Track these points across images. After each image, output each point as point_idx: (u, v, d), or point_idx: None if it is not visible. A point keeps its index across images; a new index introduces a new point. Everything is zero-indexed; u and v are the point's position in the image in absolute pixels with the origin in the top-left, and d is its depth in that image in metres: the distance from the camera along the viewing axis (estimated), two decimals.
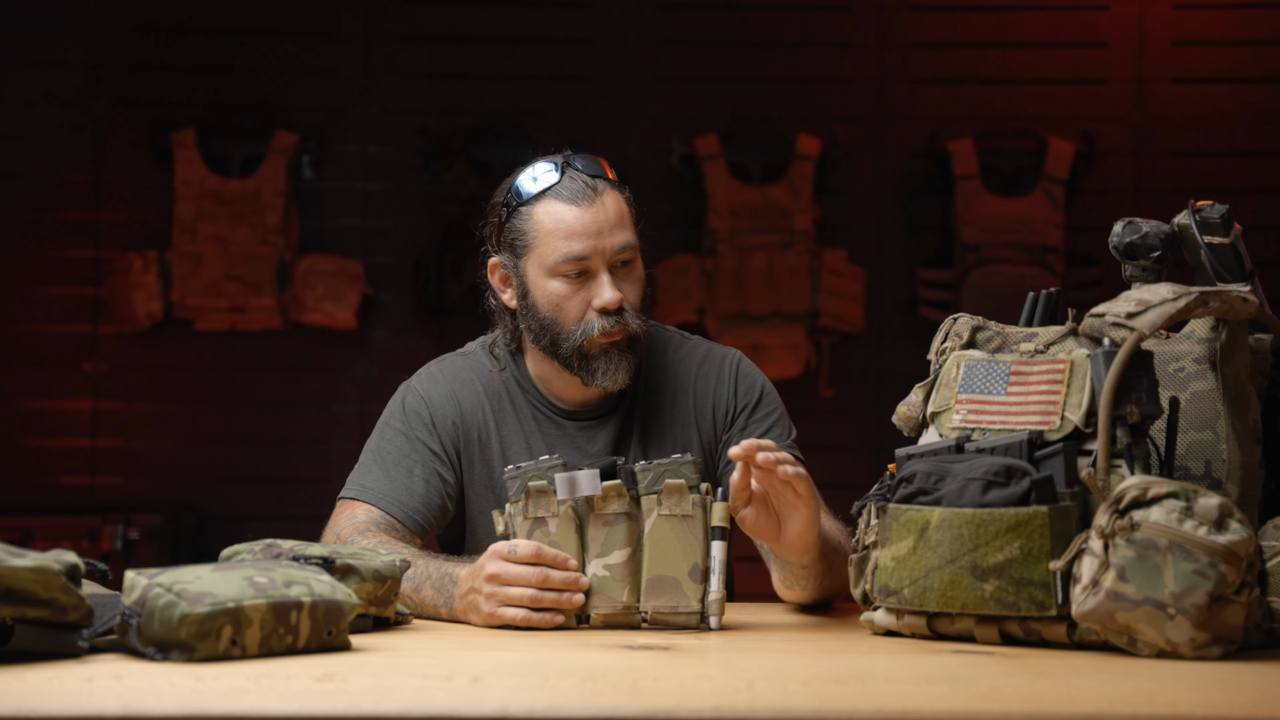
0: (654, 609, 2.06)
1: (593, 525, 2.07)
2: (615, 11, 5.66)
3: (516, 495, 2.09)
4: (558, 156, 2.40)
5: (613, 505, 2.07)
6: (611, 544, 2.06)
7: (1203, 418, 1.96)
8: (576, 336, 2.36)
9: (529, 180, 2.39)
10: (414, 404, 2.49)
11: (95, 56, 5.57)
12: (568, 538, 2.07)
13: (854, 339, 5.57)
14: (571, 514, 2.08)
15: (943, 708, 1.44)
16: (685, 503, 2.06)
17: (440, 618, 2.17)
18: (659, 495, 2.06)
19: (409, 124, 5.58)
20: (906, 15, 5.67)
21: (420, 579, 2.20)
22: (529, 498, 2.08)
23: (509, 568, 2.05)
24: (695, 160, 5.52)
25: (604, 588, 2.06)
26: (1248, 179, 5.58)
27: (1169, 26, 5.62)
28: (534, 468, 2.09)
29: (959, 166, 5.50)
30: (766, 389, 2.53)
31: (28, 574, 1.62)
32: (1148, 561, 1.73)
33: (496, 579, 2.05)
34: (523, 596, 2.05)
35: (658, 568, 2.06)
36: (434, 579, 2.18)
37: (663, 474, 2.06)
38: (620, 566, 2.06)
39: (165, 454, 5.59)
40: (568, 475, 2.06)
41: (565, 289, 2.36)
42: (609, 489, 2.06)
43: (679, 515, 2.06)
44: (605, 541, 2.06)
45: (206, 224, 5.40)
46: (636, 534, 2.07)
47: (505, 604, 2.05)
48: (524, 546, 2.05)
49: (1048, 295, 2.06)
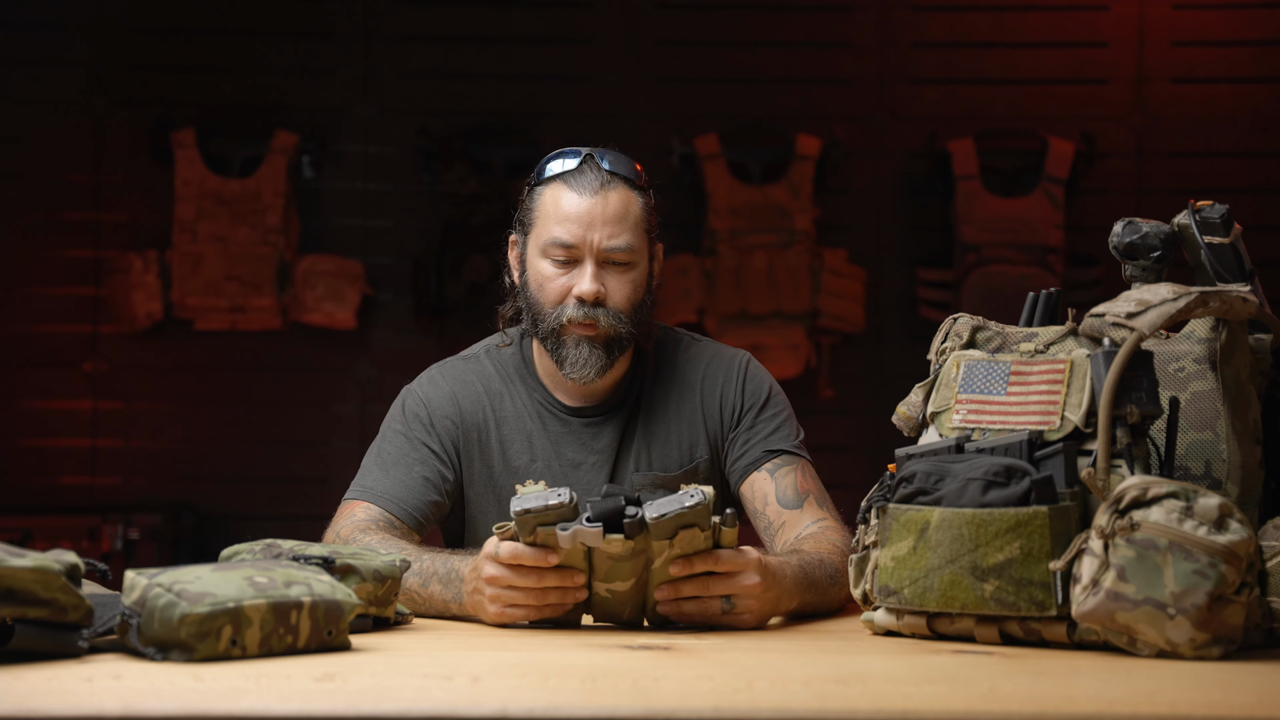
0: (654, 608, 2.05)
1: (597, 554, 2.01)
2: (615, 11, 5.67)
3: (524, 535, 2.01)
4: (592, 149, 2.43)
5: (616, 548, 1.98)
6: (616, 574, 2.01)
7: (1203, 418, 1.96)
8: (551, 320, 2.39)
9: (551, 164, 2.43)
10: (413, 406, 2.51)
11: (95, 56, 5.57)
12: (576, 560, 2.02)
13: (854, 339, 5.57)
14: (579, 545, 2.01)
15: (943, 708, 1.44)
16: (698, 541, 1.99)
17: (450, 613, 2.17)
18: (671, 540, 1.99)
19: (409, 124, 5.58)
20: (906, 15, 5.67)
21: (427, 574, 2.20)
22: (537, 539, 2.00)
23: (506, 573, 2.03)
24: (695, 160, 5.52)
25: (606, 606, 2.05)
26: (1248, 179, 5.58)
27: (1169, 26, 5.63)
28: (543, 511, 1.97)
29: (959, 166, 5.50)
30: (774, 390, 2.54)
31: (28, 574, 1.62)
32: (1148, 561, 1.73)
33: (496, 582, 2.04)
34: (526, 597, 2.03)
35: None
36: (440, 574, 2.18)
37: (677, 527, 1.97)
38: (624, 592, 2.04)
39: (165, 454, 5.59)
40: (571, 531, 1.96)
41: (551, 271, 2.39)
42: (613, 542, 1.97)
43: (690, 553, 2.00)
44: (610, 571, 2.01)
45: (206, 224, 5.41)
46: (643, 564, 2.02)
47: (511, 605, 2.04)
48: (504, 549, 2.01)
49: (1048, 295, 2.06)
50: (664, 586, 2.01)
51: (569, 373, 2.40)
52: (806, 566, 2.18)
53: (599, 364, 2.39)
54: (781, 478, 2.44)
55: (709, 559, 2.00)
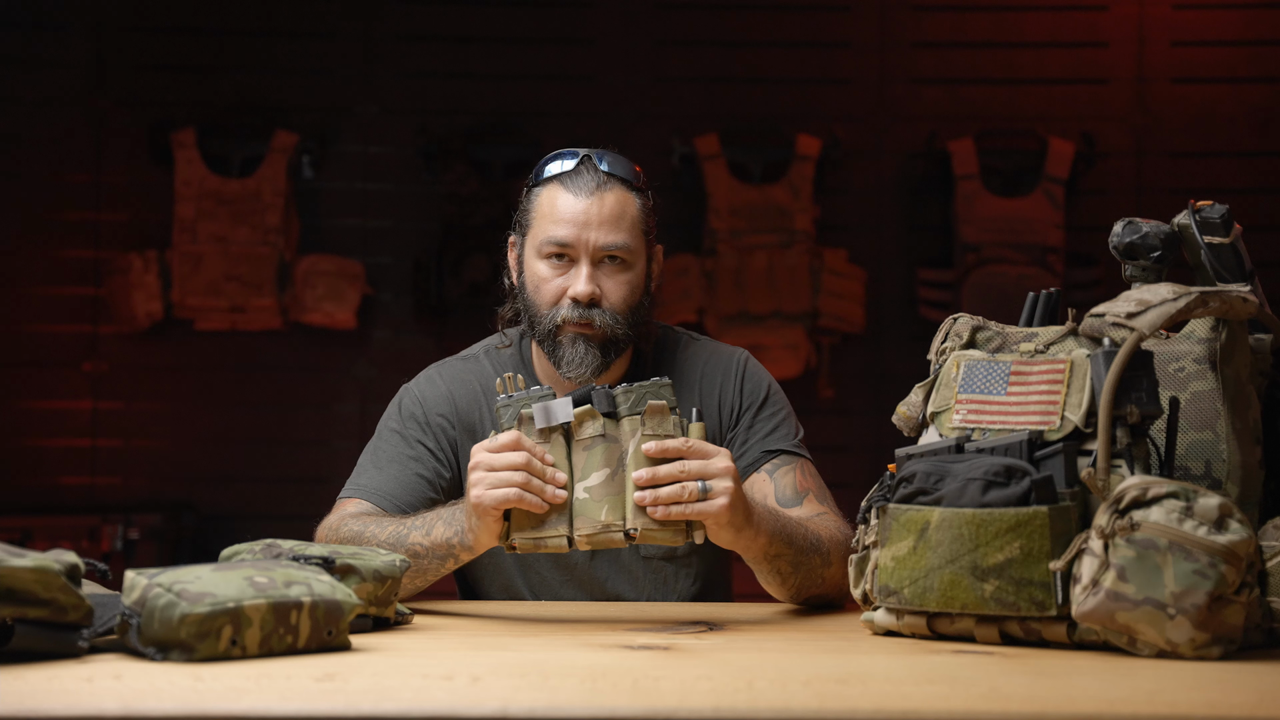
0: (642, 526, 2.08)
1: (574, 451, 2.12)
2: (615, 11, 5.67)
3: (509, 422, 2.13)
4: (590, 150, 2.43)
5: (588, 429, 2.11)
6: (590, 467, 2.10)
7: (1203, 418, 1.96)
8: (547, 320, 2.39)
9: (549, 165, 2.44)
10: (409, 405, 2.52)
11: (95, 56, 5.57)
12: (559, 462, 2.11)
13: (854, 339, 5.57)
14: (561, 440, 2.12)
15: (943, 708, 1.44)
16: (667, 423, 2.10)
17: (453, 556, 2.22)
18: (642, 416, 2.10)
19: (409, 124, 5.58)
20: (906, 15, 5.67)
21: (429, 522, 2.25)
22: (521, 425, 2.12)
23: (493, 456, 2.09)
24: (695, 160, 5.52)
25: (585, 510, 2.10)
26: (1248, 179, 5.58)
27: (1169, 26, 5.63)
28: (525, 396, 2.14)
29: (959, 166, 5.50)
30: (773, 389, 2.54)
31: (28, 574, 1.62)
32: (1148, 561, 1.73)
33: (481, 465, 2.10)
34: (510, 478, 2.08)
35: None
36: (444, 516, 2.24)
37: (644, 395, 2.11)
38: (598, 488, 2.09)
39: (165, 454, 5.59)
40: (544, 405, 2.12)
41: (547, 272, 2.40)
42: (581, 414, 2.11)
43: (661, 435, 2.10)
44: (585, 465, 2.10)
45: (206, 224, 5.41)
46: (615, 455, 2.10)
47: (493, 486, 2.08)
48: (505, 435, 2.10)
49: (1048, 295, 2.06)
50: (640, 479, 2.07)
51: (566, 372, 2.40)
52: (783, 519, 2.24)
53: (595, 363, 2.39)
54: (780, 478, 2.44)
55: (680, 442, 2.09)
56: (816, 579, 2.26)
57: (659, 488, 2.07)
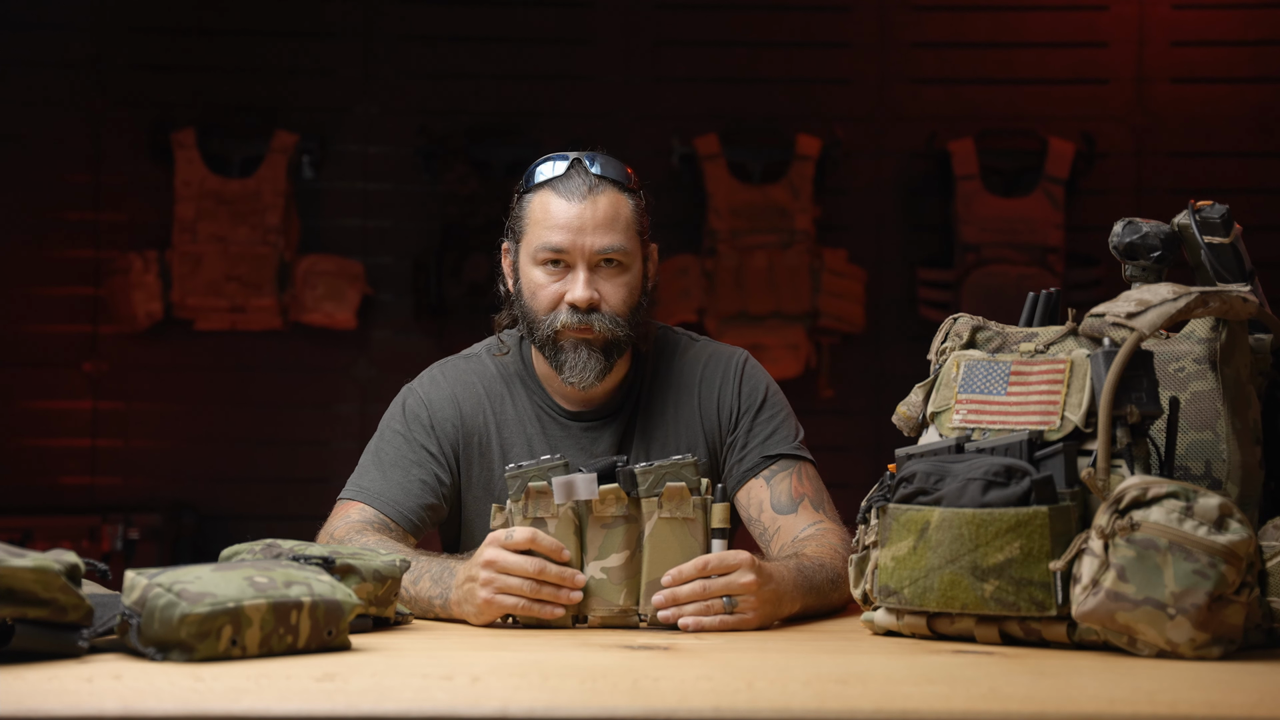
0: (654, 611, 2.06)
1: (591, 527, 2.07)
2: (615, 11, 5.66)
3: (517, 495, 2.09)
4: (580, 153, 2.42)
5: (611, 509, 2.07)
6: (609, 547, 2.06)
7: (1203, 418, 1.96)
8: (545, 327, 2.38)
9: (539, 170, 2.42)
10: (414, 406, 2.50)
11: (95, 57, 5.57)
12: (567, 539, 2.07)
13: (854, 339, 5.57)
14: (571, 515, 2.08)
15: (943, 708, 1.44)
16: (686, 505, 2.07)
17: (433, 613, 2.17)
18: (659, 498, 2.07)
19: (409, 124, 5.58)
20: (906, 15, 5.67)
21: (419, 572, 2.20)
22: (529, 498, 2.08)
23: (506, 556, 2.05)
24: (695, 160, 5.52)
25: (601, 590, 2.06)
26: (1248, 179, 5.58)
27: (1169, 26, 5.62)
28: (535, 467, 2.09)
29: (959, 166, 5.50)
30: (771, 390, 2.53)
31: (28, 574, 1.62)
32: (1148, 561, 1.73)
33: (493, 565, 2.06)
34: (520, 586, 2.04)
35: (658, 570, 2.06)
36: (433, 572, 2.19)
37: (664, 476, 2.07)
38: (618, 570, 2.06)
39: (165, 454, 5.59)
40: (565, 480, 2.06)
41: (544, 278, 2.38)
42: (606, 493, 2.06)
43: (680, 518, 2.06)
44: (603, 544, 2.06)
45: (206, 224, 5.40)
46: (635, 536, 2.07)
47: (502, 591, 2.05)
48: (520, 532, 2.05)
49: (1048, 295, 2.06)
50: (661, 597, 2.03)
51: (568, 377, 2.38)
52: (806, 570, 2.19)
53: (598, 368, 2.38)
54: (777, 484, 2.44)
55: (697, 564, 2.04)
56: (832, 604, 2.26)
57: (681, 604, 2.04)
